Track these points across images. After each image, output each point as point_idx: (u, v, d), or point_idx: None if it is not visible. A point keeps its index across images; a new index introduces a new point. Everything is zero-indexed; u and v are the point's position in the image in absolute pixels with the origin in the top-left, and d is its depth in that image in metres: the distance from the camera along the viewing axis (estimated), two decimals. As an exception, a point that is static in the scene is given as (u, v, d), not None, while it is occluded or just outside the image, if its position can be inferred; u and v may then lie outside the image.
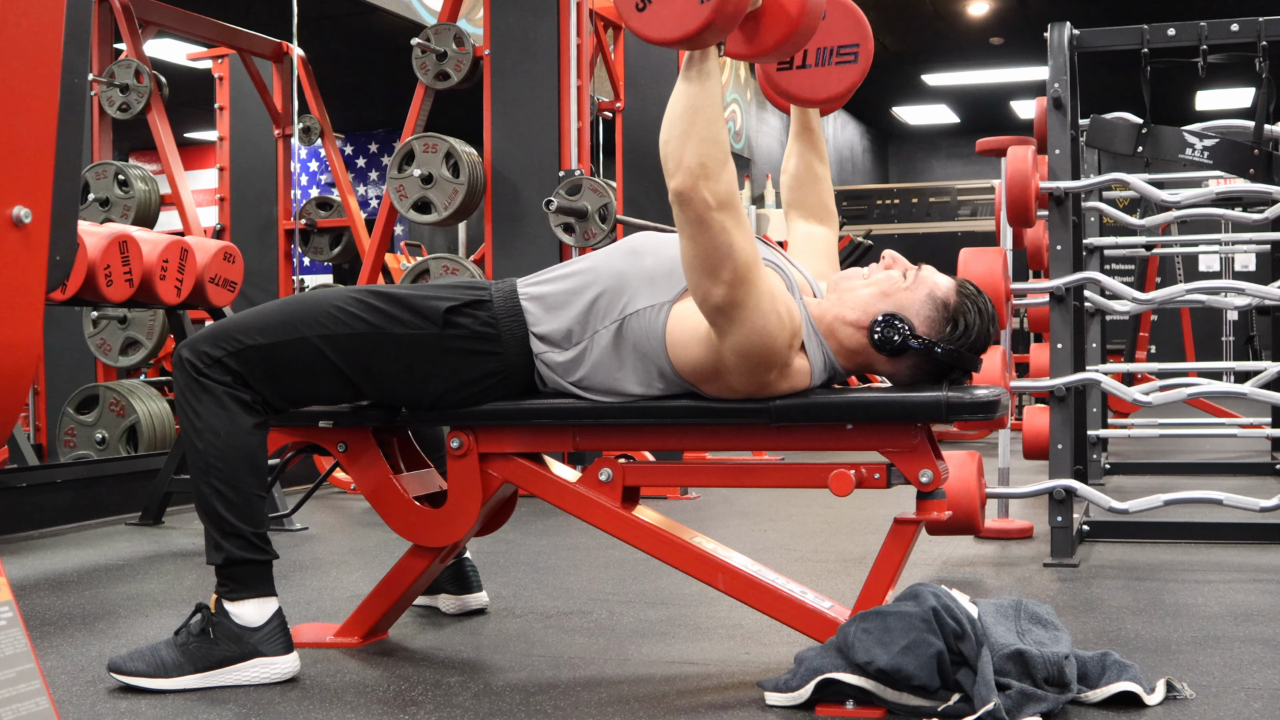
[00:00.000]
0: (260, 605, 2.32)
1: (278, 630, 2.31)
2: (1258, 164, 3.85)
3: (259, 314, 2.36)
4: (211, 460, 2.27)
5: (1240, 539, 3.80)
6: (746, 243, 2.11)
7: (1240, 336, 9.10)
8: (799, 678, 2.08)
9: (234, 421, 2.29)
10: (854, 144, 20.41)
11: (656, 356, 2.26)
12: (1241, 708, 2.06)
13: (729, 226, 2.08)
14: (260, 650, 2.28)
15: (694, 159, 2.06)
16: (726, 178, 2.07)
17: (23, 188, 1.60)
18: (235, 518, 2.29)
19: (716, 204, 2.06)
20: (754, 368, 2.18)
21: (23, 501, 4.21)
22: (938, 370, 2.26)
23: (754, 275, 2.12)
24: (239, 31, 6.50)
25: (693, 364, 2.23)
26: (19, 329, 1.61)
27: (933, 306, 2.26)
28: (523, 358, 2.36)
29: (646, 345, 2.27)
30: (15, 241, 1.59)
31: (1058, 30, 3.85)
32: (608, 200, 5.00)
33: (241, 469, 2.28)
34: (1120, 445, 7.14)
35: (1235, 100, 16.12)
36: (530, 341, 2.35)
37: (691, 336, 2.21)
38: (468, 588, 2.90)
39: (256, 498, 2.32)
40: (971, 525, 3.40)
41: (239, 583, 2.31)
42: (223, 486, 2.28)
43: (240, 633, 2.28)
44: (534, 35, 5.20)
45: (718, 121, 2.07)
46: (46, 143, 1.64)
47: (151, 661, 2.28)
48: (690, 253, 2.12)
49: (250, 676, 2.28)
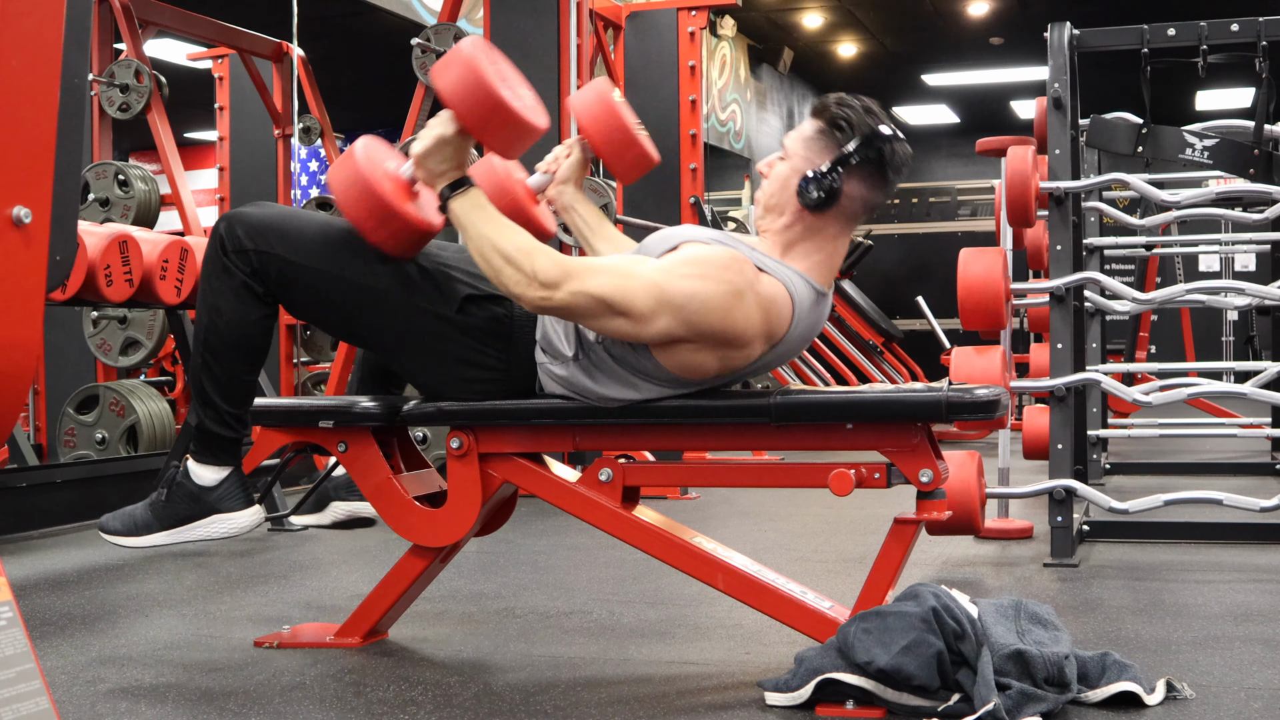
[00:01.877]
0: (217, 470, 2.43)
1: (234, 488, 2.42)
2: (1258, 164, 3.85)
3: (300, 226, 2.38)
4: (210, 335, 2.37)
5: (1240, 539, 3.80)
6: (611, 276, 2.16)
7: (1240, 336, 9.10)
8: (799, 678, 2.08)
9: (241, 307, 2.36)
10: (854, 144, 20.39)
11: (646, 365, 2.27)
12: (1241, 708, 2.06)
13: (585, 286, 2.16)
14: (217, 507, 2.41)
15: (512, 281, 2.18)
16: (541, 263, 2.17)
17: (23, 188, 1.60)
18: (216, 392, 2.39)
19: (556, 286, 2.16)
20: (728, 329, 2.19)
21: (23, 501, 4.21)
22: (877, 173, 2.25)
23: (649, 282, 2.16)
24: (239, 31, 6.50)
25: (682, 362, 2.24)
26: (19, 329, 1.61)
27: (811, 142, 2.27)
28: (527, 363, 2.37)
29: (636, 360, 2.27)
30: (15, 241, 1.59)
31: (1058, 30, 3.84)
32: (608, 200, 5.00)
33: (235, 351, 2.38)
34: (1120, 445, 7.14)
35: (1235, 100, 16.11)
36: (535, 350, 2.36)
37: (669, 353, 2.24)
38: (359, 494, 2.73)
39: (242, 380, 2.41)
40: (971, 525, 3.40)
41: (205, 448, 2.43)
42: (213, 361, 2.38)
43: (198, 492, 2.41)
44: (534, 35, 5.20)
45: (503, 235, 2.20)
46: (46, 143, 1.64)
47: (127, 521, 2.44)
48: (602, 328, 2.20)
49: (211, 531, 2.41)
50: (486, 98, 2.19)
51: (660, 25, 6.41)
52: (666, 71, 6.39)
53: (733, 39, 14.40)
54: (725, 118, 14.38)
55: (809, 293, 2.28)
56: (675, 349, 2.22)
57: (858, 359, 8.76)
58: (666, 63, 6.39)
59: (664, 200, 6.33)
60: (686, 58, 6.36)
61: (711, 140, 13.55)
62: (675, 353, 2.23)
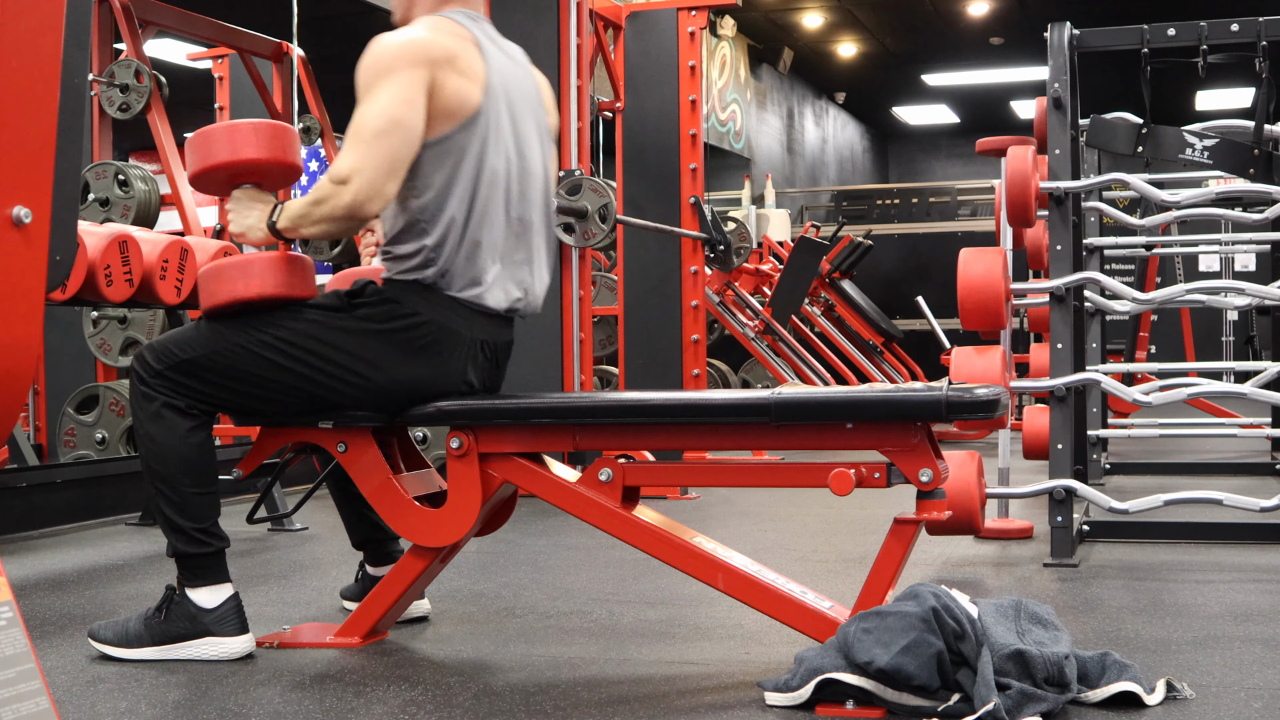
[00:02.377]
0: (213, 591, 2.49)
1: (231, 613, 2.49)
2: (1258, 164, 3.85)
3: (194, 329, 2.53)
4: (152, 464, 2.48)
5: (1240, 539, 3.80)
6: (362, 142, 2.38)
7: (1240, 336, 9.10)
8: (799, 678, 2.08)
9: (170, 429, 2.47)
10: (854, 144, 20.42)
11: None
12: (1241, 708, 2.06)
13: (363, 160, 2.36)
14: (212, 630, 2.47)
15: (337, 206, 2.39)
16: (331, 179, 2.38)
17: (23, 188, 1.60)
18: (176, 515, 2.47)
19: (348, 179, 2.37)
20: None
21: (23, 501, 4.21)
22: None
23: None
24: (239, 31, 6.50)
25: None
26: (19, 329, 1.61)
27: None
28: (435, 306, 2.46)
29: None
30: (15, 241, 1.59)
31: (1058, 30, 3.85)
32: (608, 200, 5.00)
33: (177, 472, 2.46)
34: (1120, 445, 7.14)
35: (1235, 100, 16.12)
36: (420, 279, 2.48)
37: None
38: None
39: (195, 496, 2.48)
40: (971, 525, 3.40)
41: (190, 571, 2.49)
42: (163, 487, 2.47)
43: (195, 613, 2.47)
44: (534, 35, 5.20)
45: (308, 202, 2.42)
46: (46, 143, 1.64)
47: (119, 632, 2.51)
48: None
49: (201, 653, 2.46)
50: (218, 167, 2.49)
51: (660, 25, 6.41)
52: (666, 71, 6.38)
53: (733, 39, 14.40)
54: (725, 118, 14.39)
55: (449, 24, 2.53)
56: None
57: (858, 359, 8.76)
58: (666, 63, 6.39)
59: (664, 200, 6.32)
60: (686, 58, 6.36)
61: (711, 140, 13.56)
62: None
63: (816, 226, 10.49)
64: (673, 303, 6.33)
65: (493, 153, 2.51)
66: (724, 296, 7.88)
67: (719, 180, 13.39)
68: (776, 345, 7.93)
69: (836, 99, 18.97)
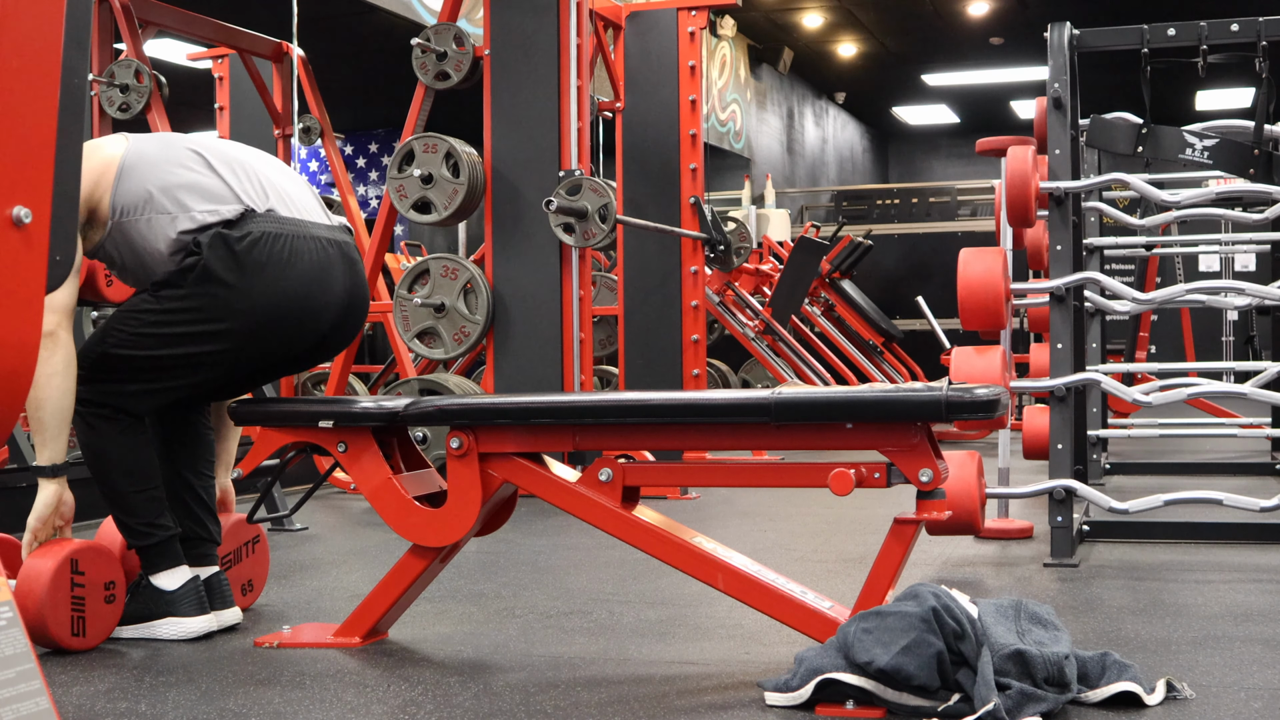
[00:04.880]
0: (171, 575, 2.67)
1: (190, 594, 2.66)
2: (1258, 164, 3.85)
3: (87, 345, 2.69)
4: (94, 468, 2.68)
5: (1240, 539, 3.80)
6: None
7: (1240, 336, 9.10)
8: (799, 678, 2.08)
9: (99, 435, 2.66)
10: (854, 144, 20.41)
11: None
12: (1241, 708, 2.06)
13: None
14: (172, 611, 2.65)
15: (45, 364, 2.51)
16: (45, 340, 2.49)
17: (23, 188, 1.60)
18: (120, 512, 2.68)
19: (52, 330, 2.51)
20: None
21: (23, 501, 4.18)
22: None
23: None
24: (239, 31, 6.49)
25: None
26: (19, 329, 1.61)
27: None
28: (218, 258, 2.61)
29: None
30: (15, 241, 1.59)
31: (1058, 30, 3.85)
32: (608, 200, 5.00)
33: (112, 473, 2.66)
34: (1120, 445, 7.14)
35: (1235, 100, 16.12)
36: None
37: None
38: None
39: (133, 494, 2.66)
40: (971, 525, 3.40)
41: (148, 560, 2.68)
42: (105, 490, 2.68)
43: (157, 595, 2.66)
44: (534, 35, 5.20)
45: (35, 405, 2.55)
46: (46, 143, 1.64)
47: None
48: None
49: (164, 632, 2.65)
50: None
51: (660, 25, 6.41)
52: (666, 71, 6.38)
53: (733, 39, 14.40)
54: (725, 118, 14.38)
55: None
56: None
57: (858, 359, 8.76)
58: (666, 63, 6.39)
59: (664, 200, 6.33)
60: (686, 58, 6.36)
61: (711, 140, 13.56)
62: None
63: (816, 226, 10.50)
64: (673, 303, 6.33)
65: None
66: (724, 296, 7.89)
67: (719, 180, 13.39)
68: (776, 345, 7.93)
69: (836, 99, 18.97)
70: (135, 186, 2.63)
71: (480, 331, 5.10)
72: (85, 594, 2.57)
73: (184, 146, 2.73)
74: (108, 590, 2.62)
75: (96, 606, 2.60)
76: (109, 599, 2.62)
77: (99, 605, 2.60)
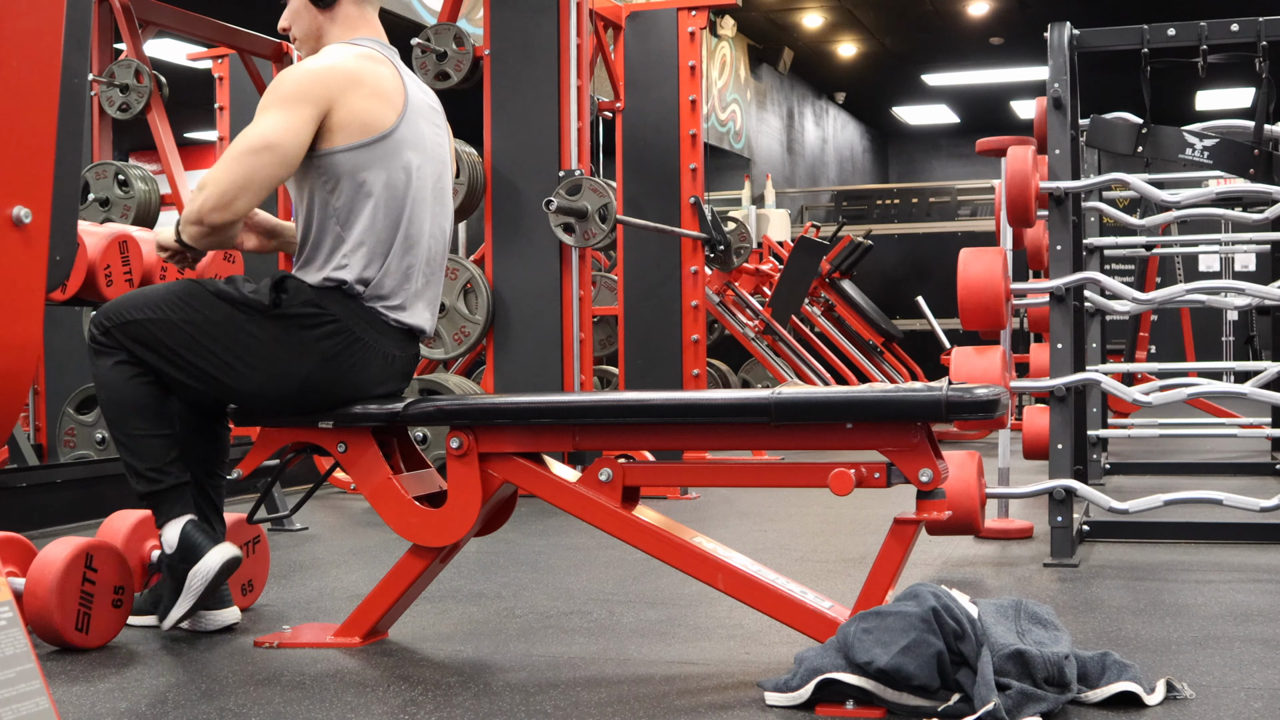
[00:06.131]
0: (176, 525, 2.59)
1: (195, 534, 2.56)
2: (1258, 164, 3.85)
3: (147, 294, 2.64)
4: (108, 412, 2.61)
5: (1240, 539, 3.80)
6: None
7: (1240, 336, 9.10)
8: (799, 678, 2.08)
9: (118, 376, 2.58)
10: (854, 144, 20.42)
11: None
12: (1241, 708, 2.06)
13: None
14: (191, 557, 2.55)
15: (202, 209, 2.54)
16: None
17: (23, 188, 1.60)
18: (130, 457, 2.60)
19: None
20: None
21: (23, 501, 4.21)
22: None
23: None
24: (239, 31, 6.50)
25: None
26: (19, 329, 1.61)
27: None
28: (354, 315, 2.54)
29: None
30: (15, 241, 1.59)
31: (1058, 30, 3.85)
32: (608, 200, 5.00)
33: (128, 415, 2.58)
34: (1120, 445, 7.14)
35: (1235, 100, 16.13)
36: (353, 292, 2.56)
37: None
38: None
39: (146, 438, 2.59)
40: (971, 525, 3.40)
41: (157, 511, 2.60)
42: (118, 433, 2.60)
43: (172, 553, 2.58)
44: (534, 35, 5.20)
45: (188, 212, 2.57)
46: (46, 143, 1.64)
47: (151, 600, 2.77)
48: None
49: (198, 583, 2.54)
50: None
51: (660, 25, 6.41)
52: (666, 71, 6.38)
53: (733, 39, 14.41)
54: (725, 118, 14.39)
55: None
56: None
57: (858, 359, 8.76)
58: (666, 63, 6.39)
59: (664, 200, 6.33)
60: (686, 58, 6.36)
61: (711, 140, 13.56)
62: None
63: (816, 226, 10.49)
64: (673, 303, 6.33)
65: (414, 172, 2.62)
66: (724, 296, 7.88)
67: (719, 180, 13.39)
68: (776, 345, 7.93)
69: (836, 99, 18.98)
70: (375, 160, 2.57)
71: (480, 331, 5.10)
72: (95, 591, 2.57)
73: (425, 179, 2.68)
74: (116, 594, 2.62)
75: (103, 607, 2.59)
76: (116, 603, 2.62)
77: (105, 606, 2.60)
